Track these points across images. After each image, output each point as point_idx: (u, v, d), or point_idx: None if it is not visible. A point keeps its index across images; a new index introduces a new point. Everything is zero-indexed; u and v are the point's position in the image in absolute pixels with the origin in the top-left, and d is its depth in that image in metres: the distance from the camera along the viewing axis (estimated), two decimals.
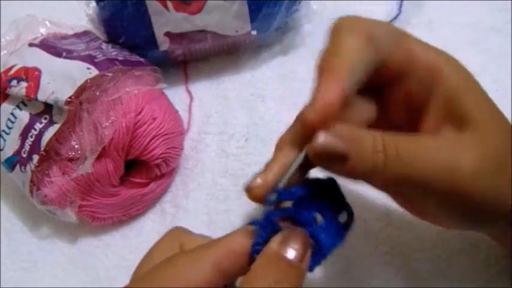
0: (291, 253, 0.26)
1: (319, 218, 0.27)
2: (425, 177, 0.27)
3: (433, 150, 0.27)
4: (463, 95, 0.29)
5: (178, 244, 0.29)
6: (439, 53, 0.30)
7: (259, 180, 0.28)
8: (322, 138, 0.26)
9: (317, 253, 0.27)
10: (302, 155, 0.27)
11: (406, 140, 0.28)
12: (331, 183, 0.29)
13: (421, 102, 0.30)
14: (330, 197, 0.29)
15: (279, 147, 0.29)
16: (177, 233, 0.31)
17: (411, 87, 0.30)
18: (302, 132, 0.28)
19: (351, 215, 0.29)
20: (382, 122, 0.32)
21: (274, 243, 0.26)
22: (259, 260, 0.26)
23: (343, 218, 0.29)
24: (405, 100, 0.31)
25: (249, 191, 0.28)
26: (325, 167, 0.27)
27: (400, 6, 0.51)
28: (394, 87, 0.31)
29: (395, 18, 0.51)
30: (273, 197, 0.27)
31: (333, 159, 0.26)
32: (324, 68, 0.28)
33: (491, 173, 0.27)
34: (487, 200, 0.28)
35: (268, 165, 0.29)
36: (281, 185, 0.27)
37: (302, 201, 0.28)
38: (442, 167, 0.27)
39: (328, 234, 0.27)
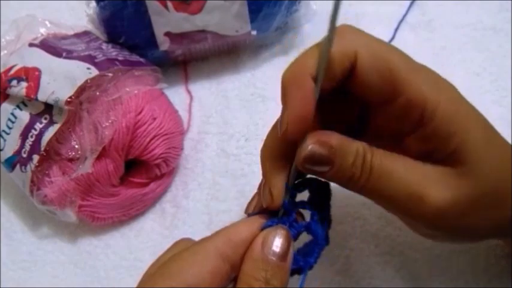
0: (274, 252, 0.27)
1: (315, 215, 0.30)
2: (392, 198, 0.27)
3: (406, 174, 0.27)
4: (457, 135, 0.27)
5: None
6: (433, 87, 0.27)
7: (269, 199, 0.29)
8: (311, 146, 0.27)
9: (314, 247, 0.29)
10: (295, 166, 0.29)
11: (385, 158, 0.28)
12: (326, 188, 0.31)
13: (405, 129, 0.29)
14: (323, 197, 0.31)
15: (268, 165, 0.30)
16: (186, 241, 0.31)
17: (396, 112, 0.28)
18: (284, 144, 0.28)
19: (329, 221, 0.31)
20: (368, 131, 0.31)
21: (257, 244, 0.27)
22: (247, 262, 0.27)
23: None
24: (390, 120, 0.29)
25: (269, 206, 0.29)
26: (310, 170, 0.28)
27: (408, 8, 0.51)
28: (380, 107, 0.29)
29: (402, 20, 0.51)
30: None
31: (319, 165, 0.27)
32: (292, 76, 0.27)
33: (465, 211, 0.27)
34: (458, 235, 0.28)
35: (267, 183, 0.29)
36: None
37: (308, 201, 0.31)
38: (409, 191, 0.27)
39: (322, 228, 0.30)
